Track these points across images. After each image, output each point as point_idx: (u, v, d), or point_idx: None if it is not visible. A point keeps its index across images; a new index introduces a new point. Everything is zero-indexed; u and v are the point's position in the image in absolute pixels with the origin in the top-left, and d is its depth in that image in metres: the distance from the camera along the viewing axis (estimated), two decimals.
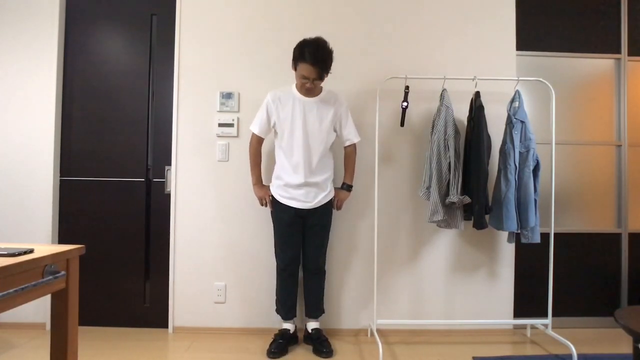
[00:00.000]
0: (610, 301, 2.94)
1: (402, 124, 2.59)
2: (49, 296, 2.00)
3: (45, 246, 1.43)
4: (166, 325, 2.76)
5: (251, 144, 2.51)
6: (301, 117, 2.37)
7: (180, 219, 2.75)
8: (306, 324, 2.57)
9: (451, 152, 2.49)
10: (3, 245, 1.37)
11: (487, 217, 2.56)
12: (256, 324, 2.74)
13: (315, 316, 2.55)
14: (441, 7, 2.83)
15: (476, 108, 2.55)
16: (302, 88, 2.38)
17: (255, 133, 2.47)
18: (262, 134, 2.48)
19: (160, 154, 2.82)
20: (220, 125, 2.74)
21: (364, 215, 2.77)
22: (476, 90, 2.59)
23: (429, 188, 2.55)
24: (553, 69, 2.95)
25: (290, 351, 2.45)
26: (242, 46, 2.77)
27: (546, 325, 2.59)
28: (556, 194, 2.79)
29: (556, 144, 2.81)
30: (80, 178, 2.81)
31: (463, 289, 2.80)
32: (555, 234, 2.73)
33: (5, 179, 2.74)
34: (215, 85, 2.77)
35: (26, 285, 1.17)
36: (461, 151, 2.60)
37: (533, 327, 2.81)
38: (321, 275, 2.56)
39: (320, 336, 2.47)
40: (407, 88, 2.54)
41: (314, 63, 2.22)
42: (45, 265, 1.28)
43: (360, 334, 2.75)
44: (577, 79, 2.97)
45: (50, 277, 1.27)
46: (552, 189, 2.60)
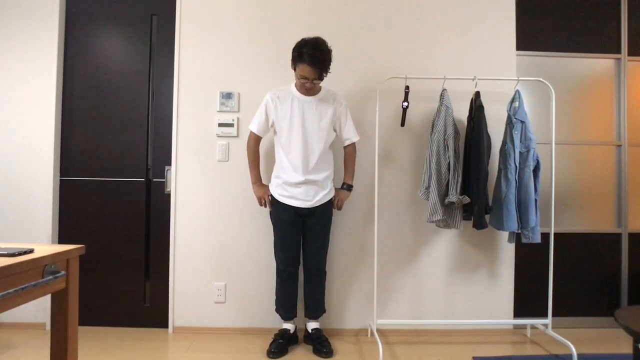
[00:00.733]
0: (610, 301, 2.94)
1: (402, 124, 2.59)
2: (49, 296, 2.01)
3: (45, 246, 1.43)
4: (166, 325, 2.76)
5: (249, 142, 2.52)
6: (300, 115, 2.38)
7: (180, 219, 2.75)
8: (306, 324, 2.57)
9: (451, 152, 2.49)
10: (3, 245, 1.37)
11: (487, 217, 2.56)
12: (256, 324, 2.74)
13: (315, 316, 2.55)
14: (441, 7, 2.83)
15: (476, 108, 2.55)
16: (301, 88, 2.39)
17: (253, 132, 2.48)
18: (260, 133, 2.49)
19: (160, 154, 2.82)
20: (220, 125, 2.74)
21: (363, 215, 2.77)
22: (476, 90, 2.59)
23: (428, 188, 2.55)
24: (553, 69, 2.95)
25: (290, 351, 2.45)
26: (242, 46, 2.78)
27: (546, 325, 2.59)
28: (556, 194, 2.79)
29: (556, 144, 2.82)
30: (80, 178, 2.81)
31: (463, 289, 2.80)
32: (555, 234, 2.73)
33: (6, 179, 2.74)
34: (215, 85, 2.77)
35: (26, 285, 1.17)
36: (461, 151, 2.60)
37: (533, 327, 2.81)
38: (322, 276, 2.55)
39: (320, 336, 2.47)
40: (407, 88, 2.54)
41: (312, 64, 2.22)
42: (45, 265, 1.28)
43: (360, 334, 2.75)
44: (577, 79, 2.97)
45: (50, 277, 1.27)
46: (552, 189, 2.60)
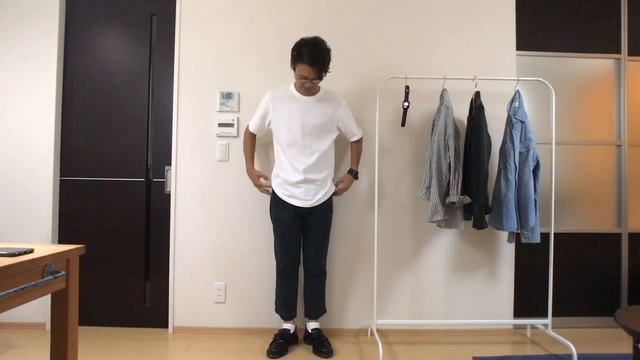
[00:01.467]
0: (610, 301, 2.94)
1: (403, 124, 2.59)
2: (49, 296, 2.00)
3: (45, 246, 1.42)
4: (166, 325, 2.76)
5: (245, 136, 2.60)
6: (299, 115, 2.38)
7: (180, 219, 2.75)
8: (306, 324, 2.57)
9: (451, 152, 2.49)
10: (3, 245, 1.37)
11: (487, 217, 2.56)
12: (256, 324, 2.74)
13: (315, 316, 2.55)
14: (441, 7, 2.82)
15: (476, 108, 2.55)
16: (301, 87, 2.39)
17: (250, 130, 2.55)
18: (256, 131, 2.56)
19: (160, 154, 2.82)
20: (220, 125, 2.74)
21: (364, 215, 2.77)
22: (476, 90, 2.59)
23: (429, 188, 2.55)
24: (553, 69, 2.95)
25: (290, 351, 2.45)
26: (242, 46, 2.78)
27: (546, 325, 2.59)
28: (556, 194, 2.79)
29: (556, 144, 2.82)
30: (80, 178, 2.81)
31: (463, 289, 2.80)
32: (555, 234, 2.73)
33: (5, 179, 2.74)
34: (215, 85, 2.77)
35: (26, 285, 1.17)
36: (461, 151, 2.60)
37: (533, 327, 2.81)
38: (322, 276, 2.55)
39: (320, 336, 2.47)
40: (408, 88, 2.54)
41: (312, 63, 2.22)
42: (45, 265, 1.28)
43: (360, 334, 2.75)
44: (577, 79, 2.97)
45: (50, 277, 1.27)
46: (552, 189, 2.60)
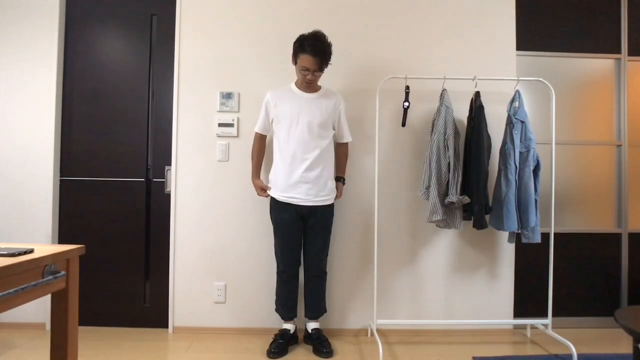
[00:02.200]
0: (610, 301, 2.94)
1: (403, 124, 2.59)
2: (49, 296, 2.00)
3: (45, 246, 1.43)
4: (166, 325, 2.76)
5: (253, 144, 2.58)
6: (299, 112, 2.39)
7: (180, 219, 2.75)
8: (306, 324, 2.57)
9: (451, 152, 2.49)
10: (3, 245, 1.37)
11: (487, 217, 2.56)
12: (256, 324, 2.74)
13: (315, 317, 2.55)
14: (441, 7, 2.82)
15: (476, 108, 2.55)
16: (302, 81, 2.39)
17: (258, 132, 2.55)
18: (264, 132, 2.56)
19: (160, 154, 2.82)
20: (220, 125, 2.74)
21: (363, 215, 2.77)
22: (476, 90, 2.59)
23: (428, 188, 2.55)
24: (553, 69, 2.95)
25: (290, 351, 2.45)
26: (242, 46, 2.77)
27: (546, 325, 2.59)
28: (556, 194, 2.79)
29: (556, 144, 2.82)
30: (80, 178, 2.81)
31: (463, 289, 2.80)
32: (555, 234, 2.73)
33: (6, 179, 2.74)
34: (215, 85, 2.77)
35: (26, 285, 1.17)
36: (461, 151, 2.60)
37: (533, 327, 2.81)
38: (323, 277, 2.55)
39: (320, 336, 2.47)
40: (408, 88, 2.54)
41: (314, 53, 2.27)
42: (45, 265, 1.28)
43: (360, 334, 2.75)
44: (577, 79, 2.97)
45: (50, 277, 1.27)
46: (552, 189, 2.60)
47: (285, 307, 2.52)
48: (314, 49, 2.27)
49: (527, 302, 2.88)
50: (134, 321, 2.80)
